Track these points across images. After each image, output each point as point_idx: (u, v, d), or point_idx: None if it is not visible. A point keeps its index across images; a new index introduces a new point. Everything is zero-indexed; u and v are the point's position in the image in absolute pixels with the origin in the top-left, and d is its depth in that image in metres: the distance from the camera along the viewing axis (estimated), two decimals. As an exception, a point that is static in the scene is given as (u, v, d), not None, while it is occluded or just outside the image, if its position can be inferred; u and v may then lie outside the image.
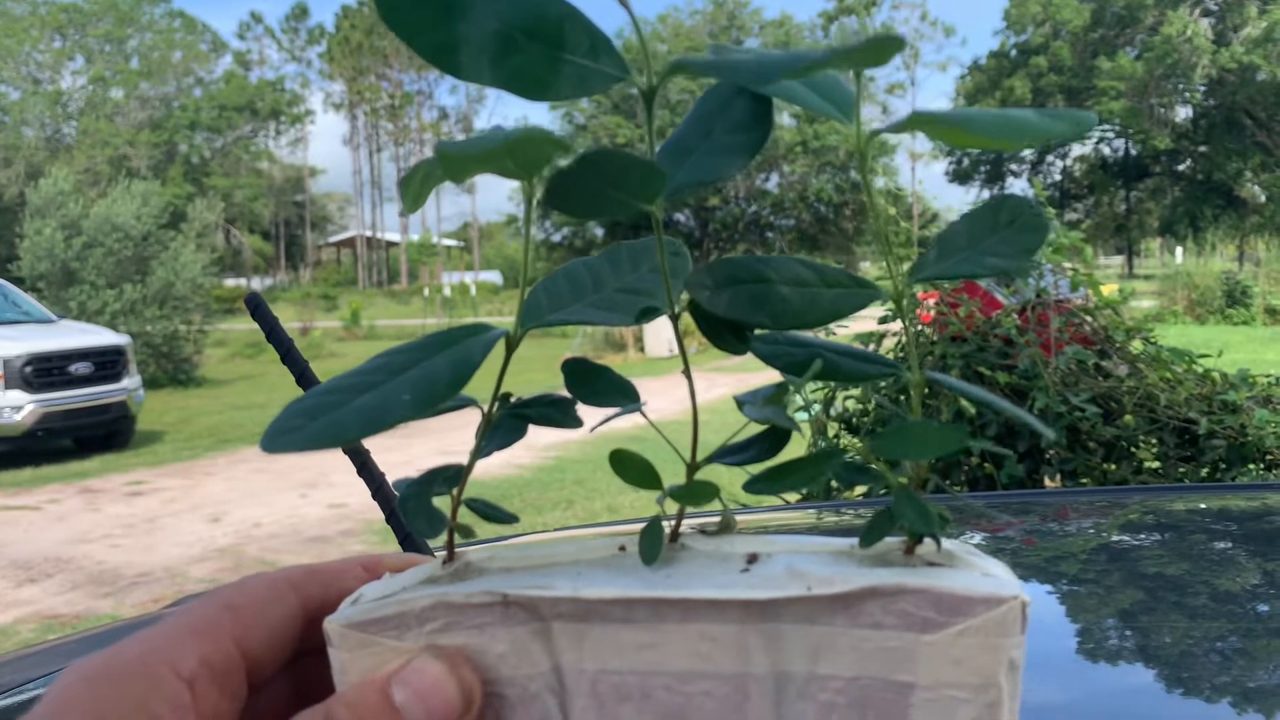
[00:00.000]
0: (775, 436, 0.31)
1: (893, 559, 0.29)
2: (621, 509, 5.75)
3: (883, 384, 2.45)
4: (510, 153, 0.25)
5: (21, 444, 8.32)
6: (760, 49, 0.30)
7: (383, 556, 0.36)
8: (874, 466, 0.29)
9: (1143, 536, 1.15)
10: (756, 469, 0.31)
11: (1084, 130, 0.27)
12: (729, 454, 0.32)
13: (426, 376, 0.28)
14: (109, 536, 5.96)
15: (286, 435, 0.27)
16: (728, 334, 0.31)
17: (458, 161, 0.26)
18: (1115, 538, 1.15)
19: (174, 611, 0.32)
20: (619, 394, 0.32)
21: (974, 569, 0.28)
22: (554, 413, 0.32)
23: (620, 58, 0.28)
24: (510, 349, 0.30)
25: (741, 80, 0.29)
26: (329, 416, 0.27)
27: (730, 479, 0.35)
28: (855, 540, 0.30)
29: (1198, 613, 0.84)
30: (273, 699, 0.33)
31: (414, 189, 0.28)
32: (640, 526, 0.31)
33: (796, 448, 0.31)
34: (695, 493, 0.31)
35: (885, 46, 0.24)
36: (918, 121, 0.26)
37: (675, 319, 0.31)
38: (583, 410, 0.33)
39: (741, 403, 0.32)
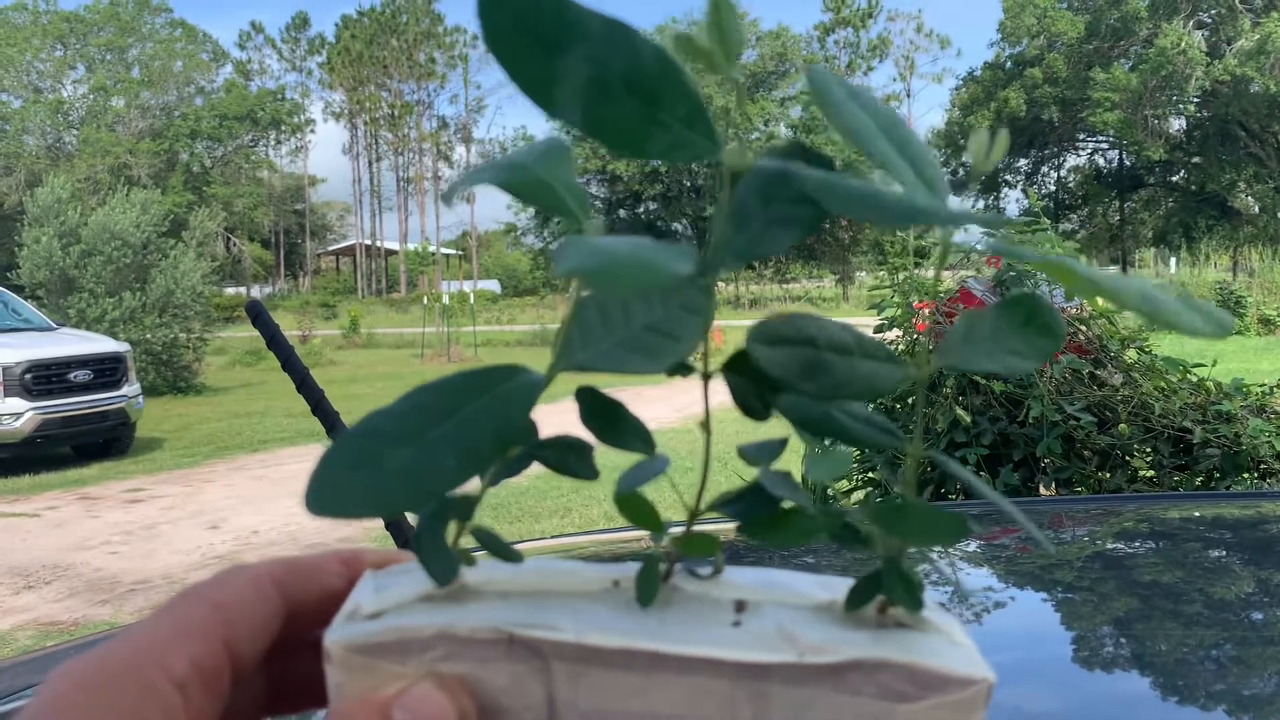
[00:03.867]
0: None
1: (867, 619, 0.31)
2: (618, 518, 5.73)
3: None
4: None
5: (20, 451, 8.31)
6: (876, 165, 0.29)
7: (361, 551, 0.36)
8: (867, 535, 0.31)
9: (1137, 545, 1.16)
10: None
11: (1224, 333, 0.27)
12: (728, 504, 0.32)
13: (468, 438, 0.28)
14: (107, 543, 5.95)
15: (335, 499, 0.27)
16: (756, 400, 0.31)
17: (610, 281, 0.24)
18: (1110, 546, 1.16)
19: (159, 610, 0.31)
20: (635, 438, 0.32)
21: (943, 635, 0.30)
22: (571, 459, 0.32)
23: (713, 128, 0.27)
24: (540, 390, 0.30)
25: (853, 216, 0.27)
26: (373, 484, 0.27)
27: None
28: (835, 593, 0.32)
29: (1193, 620, 0.85)
30: (246, 694, 0.33)
31: (453, 195, 0.29)
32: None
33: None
34: (695, 544, 0.32)
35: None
36: (1052, 266, 0.26)
37: (706, 379, 0.31)
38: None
39: (748, 457, 0.32)
